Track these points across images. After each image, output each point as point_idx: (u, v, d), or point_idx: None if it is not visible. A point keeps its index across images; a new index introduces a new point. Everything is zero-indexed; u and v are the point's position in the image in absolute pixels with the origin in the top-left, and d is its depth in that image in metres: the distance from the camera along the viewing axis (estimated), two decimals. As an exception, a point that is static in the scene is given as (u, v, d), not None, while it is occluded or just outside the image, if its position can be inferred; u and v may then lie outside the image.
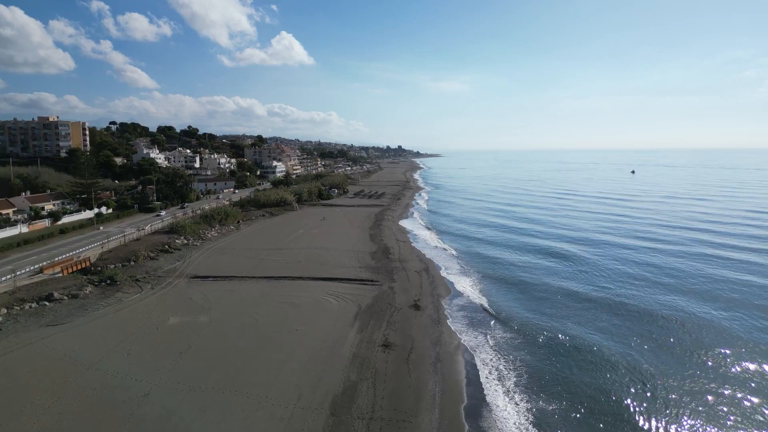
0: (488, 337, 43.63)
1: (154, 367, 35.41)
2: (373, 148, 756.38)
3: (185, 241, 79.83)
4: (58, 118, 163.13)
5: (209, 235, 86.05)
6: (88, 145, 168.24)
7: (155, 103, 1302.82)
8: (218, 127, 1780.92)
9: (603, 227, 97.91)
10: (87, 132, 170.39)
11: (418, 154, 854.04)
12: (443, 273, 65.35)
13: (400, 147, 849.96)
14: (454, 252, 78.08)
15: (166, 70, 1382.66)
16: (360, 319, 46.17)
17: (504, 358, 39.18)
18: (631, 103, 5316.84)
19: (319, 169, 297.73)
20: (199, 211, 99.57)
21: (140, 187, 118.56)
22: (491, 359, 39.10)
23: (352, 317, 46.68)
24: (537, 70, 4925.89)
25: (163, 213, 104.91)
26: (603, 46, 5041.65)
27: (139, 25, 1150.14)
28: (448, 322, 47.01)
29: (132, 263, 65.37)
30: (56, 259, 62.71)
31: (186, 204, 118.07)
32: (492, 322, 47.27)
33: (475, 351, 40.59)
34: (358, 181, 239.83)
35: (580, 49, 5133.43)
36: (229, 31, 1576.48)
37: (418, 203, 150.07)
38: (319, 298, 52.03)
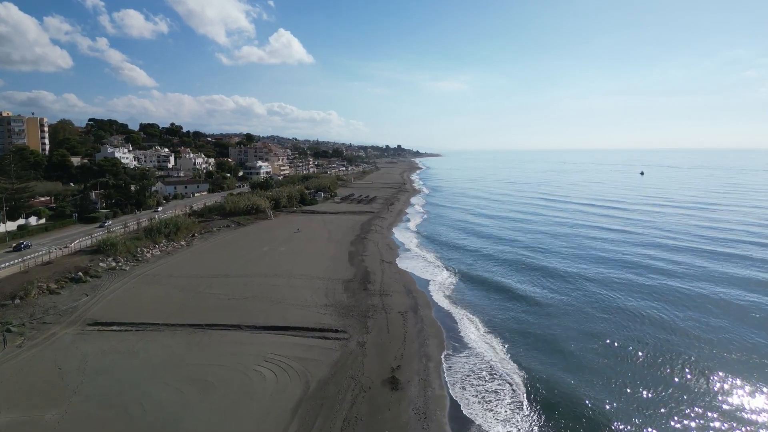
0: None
1: None
2: (372, 147, 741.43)
3: (113, 264, 63.21)
4: (41, 114, 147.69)
5: (148, 255, 69.29)
6: (47, 144, 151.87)
7: (154, 101, 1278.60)
8: (218, 126, 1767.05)
9: (615, 253, 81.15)
10: (46, 129, 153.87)
11: (417, 154, 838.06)
12: (436, 314, 48.76)
13: (399, 146, 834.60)
14: (452, 279, 61.50)
15: (164, 68, 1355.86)
16: (301, 416, 29.47)
17: None
18: (632, 103, 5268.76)
19: (311, 169, 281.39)
20: (144, 223, 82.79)
21: (84, 193, 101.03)
22: None
23: (289, 411, 29.96)
24: (537, 70, 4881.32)
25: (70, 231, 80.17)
26: (603, 45, 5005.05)
27: (135, 22, 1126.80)
28: (441, 416, 30.38)
29: (18, 301, 48.64)
30: None
31: (147, 211, 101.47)
32: (513, 414, 30.64)
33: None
34: (351, 182, 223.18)
35: (580, 48, 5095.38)
36: (226, 29, 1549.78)
37: (412, 210, 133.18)
38: (250, 368, 35.28)
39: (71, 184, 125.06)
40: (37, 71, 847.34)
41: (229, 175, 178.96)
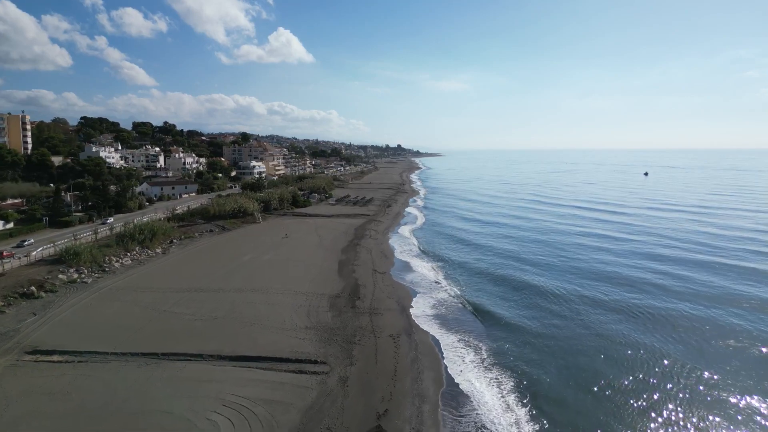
0: None
1: None
2: (372, 147, 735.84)
3: (74, 276, 56.88)
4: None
5: (117, 265, 62.98)
6: (30, 142, 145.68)
7: (154, 101, 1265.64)
8: (218, 125, 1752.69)
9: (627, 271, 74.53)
10: (28, 127, 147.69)
11: (417, 153, 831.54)
12: (432, 339, 42.49)
13: (399, 146, 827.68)
14: (453, 294, 55.14)
15: (163, 67, 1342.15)
16: (257, 490, 23.17)
17: None
18: (633, 103, 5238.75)
19: (308, 169, 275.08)
20: (118, 228, 76.43)
21: (56, 194, 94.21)
22: None
23: (243, 481, 23.67)
24: (537, 70, 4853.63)
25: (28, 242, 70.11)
26: (604, 45, 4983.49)
27: (133, 20, 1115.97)
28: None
29: (-48, 322, 42.39)
30: None
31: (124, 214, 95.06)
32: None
33: None
34: (348, 183, 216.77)
35: (581, 48, 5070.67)
36: (225, 27, 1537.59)
37: (410, 213, 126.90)
38: (203, 415, 28.92)
39: (50, 185, 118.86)
40: (37, 70, 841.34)
41: (220, 175, 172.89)
